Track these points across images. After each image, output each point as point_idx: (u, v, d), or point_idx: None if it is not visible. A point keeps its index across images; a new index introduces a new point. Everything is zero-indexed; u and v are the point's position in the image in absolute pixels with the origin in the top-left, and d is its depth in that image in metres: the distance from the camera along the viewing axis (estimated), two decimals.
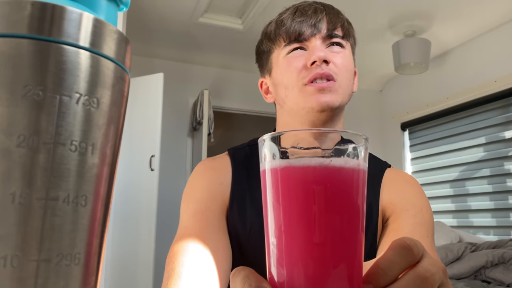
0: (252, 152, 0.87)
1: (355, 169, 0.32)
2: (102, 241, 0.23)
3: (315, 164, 0.31)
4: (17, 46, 0.19)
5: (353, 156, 0.32)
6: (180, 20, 3.11)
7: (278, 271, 0.32)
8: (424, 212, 0.75)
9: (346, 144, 0.32)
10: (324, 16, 0.78)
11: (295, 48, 0.78)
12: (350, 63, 0.80)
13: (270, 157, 0.33)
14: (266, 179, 0.33)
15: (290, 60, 0.78)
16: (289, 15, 0.79)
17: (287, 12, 0.80)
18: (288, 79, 0.77)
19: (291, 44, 0.78)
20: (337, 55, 0.77)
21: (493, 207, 3.15)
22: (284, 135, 0.33)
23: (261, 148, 0.35)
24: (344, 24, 0.80)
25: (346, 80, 0.78)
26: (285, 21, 0.79)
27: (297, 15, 0.78)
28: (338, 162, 0.32)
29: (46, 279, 0.19)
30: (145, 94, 3.05)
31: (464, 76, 3.38)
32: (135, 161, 2.97)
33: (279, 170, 0.32)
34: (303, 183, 0.31)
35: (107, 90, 0.22)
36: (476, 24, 3.11)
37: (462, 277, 2.26)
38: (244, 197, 0.80)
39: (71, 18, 0.21)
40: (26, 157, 0.19)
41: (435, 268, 0.32)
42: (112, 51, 0.23)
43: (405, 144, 4.05)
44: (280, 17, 0.81)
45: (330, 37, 0.78)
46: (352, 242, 0.32)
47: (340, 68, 0.77)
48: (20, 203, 0.19)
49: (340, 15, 0.81)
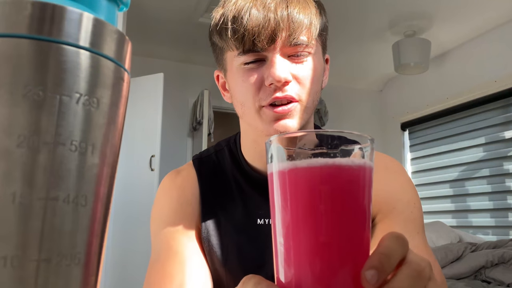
0: (219, 160, 0.80)
1: (361, 169, 0.33)
2: (102, 241, 0.23)
3: (321, 164, 0.32)
4: (17, 46, 0.19)
5: (359, 156, 0.33)
6: (180, 20, 3.11)
7: (286, 271, 0.32)
8: (411, 206, 0.70)
9: (352, 144, 0.33)
10: (286, 15, 0.63)
11: (251, 60, 0.65)
12: (318, 71, 0.68)
13: (277, 158, 0.34)
14: (274, 181, 0.34)
15: (245, 74, 0.66)
16: (245, 11, 0.63)
17: (243, 3, 0.64)
18: (243, 97, 0.67)
19: (245, 54, 0.65)
20: (301, 68, 0.66)
21: (492, 207, 3.15)
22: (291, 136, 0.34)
23: (268, 150, 0.35)
24: (312, 22, 0.65)
25: (312, 94, 0.67)
26: (237, 20, 0.64)
27: (253, 14, 0.63)
28: (342, 162, 0.32)
29: (46, 279, 0.20)
30: (145, 94, 3.05)
31: (464, 76, 3.38)
32: (135, 161, 2.97)
33: (287, 172, 0.32)
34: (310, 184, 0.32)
35: (107, 90, 0.22)
36: (476, 24, 3.11)
37: (462, 277, 2.26)
38: (216, 215, 0.75)
39: (71, 18, 0.21)
40: (26, 157, 0.19)
41: (424, 262, 0.33)
42: (112, 51, 0.23)
43: (405, 144, 4.05)
44: (234, 10, 0.65)
45: (293, 46, 0.64)
46: (359, 241, 0.32)
47: (304, 83, 0.66)
48: (20, 203, 0.19)
49: (307, 9, 0.65)
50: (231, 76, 0.69)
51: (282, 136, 0.34)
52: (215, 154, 0.81)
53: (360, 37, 3.23)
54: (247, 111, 0.67)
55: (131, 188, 2.92)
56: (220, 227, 0.74)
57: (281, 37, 0.63)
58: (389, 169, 0.75)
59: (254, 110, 0.66)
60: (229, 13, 0.65)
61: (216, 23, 0.69)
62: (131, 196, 2.91)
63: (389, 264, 0.31)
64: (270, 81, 0.63)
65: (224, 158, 0.80)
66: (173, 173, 0.81)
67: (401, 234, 0.33)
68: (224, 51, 0.70)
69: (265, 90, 0.64)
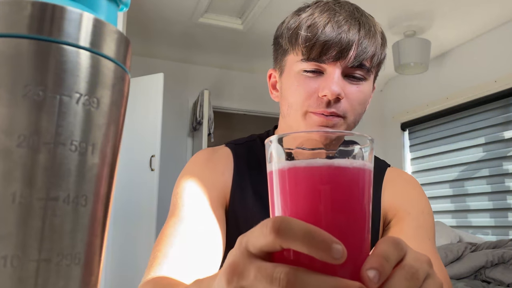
0: (252, 147, 0.85)
1: (360, 169, 0.33)
2: (102, 241, 0.23)
3: (320, 164, 0.32)
4: (17, 46, 0.19)
5: (358, 156, 0.33)
6: (180, 20, 3.11)
7: None
8: (425, 214, 0.75)
9: (351, 145, 0.33)
10: (356, 39, 0.67)
11: (312, 69, 0.69)
12: (367, 95, 0.73)
13: (276, 158, 0.34)
14: (273, 180, 0.34)
15: (302, 80, 0.70)
16: (320, 25, 0.67)
17: (320, 18, 0.68)
18: (294, 99, 0.71)
19: (308, 61, 0.69)
20: (354, 89, 0.70)
21: (492, 207, 3.15)
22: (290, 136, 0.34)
23: (267, 149, 0.35)
24: (376, 53, 0.70)
25: (357, 115, 0.72)
26: (312, 30, 0.68)
27: (327, 29, 0.67)
28: (342, 162, 0.32)
29: (46, 279, 0.20)
30: (145, 94, 3.05)
31: (464, 76, 3.38)
32: (135, 161, 2.97)
33: (286, 171, 0.33)
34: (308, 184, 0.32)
35: (107, 90, 0.22)
36: (476, 24, 3.11)
37: (462, 277, 2.26)
38: (245, 189, 0.78)
39: (71, 18, 0.21)
40: (26, 157, 0.19)
41: (418, 263, 0.33)
42: (112, 51, 0.23)
43: (405, 144, 4.05)
44: (310, 20, 0.69)
45: (354, 68, 0.69)
46: (358, 241, 0.32)
47: (353, 105, 0.70)
48: (20, 203, 0.19)
49: (375, 40, 0.70)
50: (287, 78, 0.73)
51: (282, 136, 0.33)
52: (248, 142, 0.86)
53: None
54: (292, 113, 0.71)
55: (131, 188, 2.92)
56: (249, 204, 0.77)
57: (346, 58, 0.67)
58: (408, 182, 0.82)
59: (300, 113, 0.70)
60: (306, 21, 0.69)
61: (289, 27, 0.72)
62: (131, 196, 2.91)
63: (388, 266, 0.31)
64: (325, 93, 0.67)
65: (256, 147, 0.85)
66: (208, 149, 0.85)
67: (398, 239, 0.33)
68: (287, 54, 0.73)
69: (316, 99, 0.68)
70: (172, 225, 0.70)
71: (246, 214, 0.76)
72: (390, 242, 0.33)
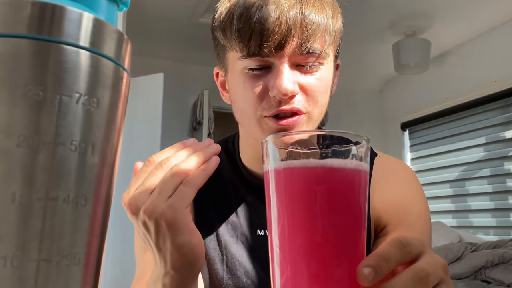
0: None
1: (355, 169, 0.33)
2: (102, 241, 0.23)
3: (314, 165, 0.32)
4: (17, 46, 0.19)
5: (354, 156, 0.33)
6: (180, 20, 3.11)
7: (282, 271, 0.32)
8: (422, 219, 0.67)
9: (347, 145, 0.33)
10: (299, 20, 0.56)
11: (256, 65, 0.59)
12: (327, 81, 0.62)
13: (272, 158, 0.34)
14: (269, 180, 0.34)
15: (248, 81, 0.59)
16: (253, 11, 0.56)
17: (253, 2, 0.57)
18: (244, 104, 0.61)
19: (249, 58, 0.58)
20: (311, 80, 0.59)
21: (493, 207, 3.15)
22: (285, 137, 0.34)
23: (263, 149, 0.35)
24: (328, 26, 0.59)
25: (320, 106, 0.61)
26: (244, 19, 0.56)
27: (263, 12, 0.55)
28: (337, 162, 0.32)
29: (46, 279, 0.19)
30: (145, 94, 3.04)
31: (464, 76, 3.38)
32: (135, 161, 2.97)
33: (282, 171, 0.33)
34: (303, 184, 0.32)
35: (107, 90, 0.22)
36: (476, 24, 3.11)
37: (462, 277, 2.26)
38: (208, 214, 0.70)
39: (71, 18, 0.21)
40: (26, 157, 0.19)
41: (432, 267, 0.32)
42: (112, 51, 0.23)
43: (405, 144, 4.05)
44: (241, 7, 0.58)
45: (304, 55, 0.58)
46: (354, 241, 0.32)
47: (312, 95, 0.59)
48: (20, 203, 0.19)
49: (322, 12, 0.58)
50: (232, 78, 0.63)
51: (278, 136, 0.34)
52: None
53: (360, 37, 3.23)
54: (246, 120, 0.62)
55: None
56: (218, 237, 0.69)
57: (292, 44, 0.56)
58: (401, 176, 0.71)
59: (254, 119, 0.60)
60: (236, 10, 0.57)
61: (220, 18, 0.61)
62: None
63: (386, 266, 0.31)
64: (275, 93, 0.56)
65: (221, 163, 0.74)
66: None
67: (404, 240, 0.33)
68: (227, 50, 0.63)
69: (269, 100, 0.58)
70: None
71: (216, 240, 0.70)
72: (394, 242, 0.32)
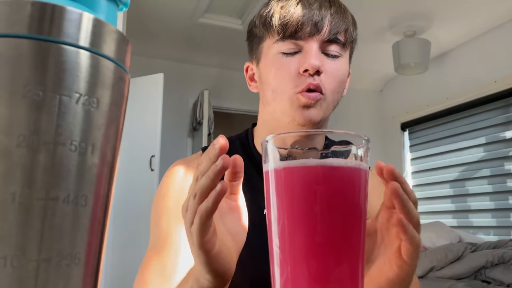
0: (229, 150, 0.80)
1: (355, 168, 0.33)
2: (102, 241, 0.23)
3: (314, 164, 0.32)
4: (17, 46, 0.19)
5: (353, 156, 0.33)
6: (180, 20, 3.11)
7: (282, 271, 0.33)
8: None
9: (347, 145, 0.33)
10: (328, 14, 0.70)
11: (289, 49, 0.70)
12: (344, 73, 0.74)
13: (272, 158, 0.34)
14: (269, 180, 0.34)
15: (282, 61, 0.70)
16: (292, 4, 0.70)
17: (291, 1, 0.71)
18: (278, 83, 0.71)
19: (284, 40, 0.70)
20: (332, 65, 0.71)
21: (493, 207, 3.15)
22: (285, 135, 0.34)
23: (263, 149, 0.36)
24: (349, 28, 0.73)
25: (335, 93, 0.72)
26: (284, 10, 0.70)
27: (299, 7, 0.70)
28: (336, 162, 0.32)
29: (46, 279, 0.19)
30: (145, 94, 3.04)
31: (464, 76, 3.38)
32: (135, 161, 2.97)
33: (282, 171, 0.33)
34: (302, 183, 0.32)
35: (107, 90, 0.22)
36: (476, 24, 3.11)
37: (462, 277, 2.26)
38: None
39: (71, 18, 0.21)
40: (26, 157, 0.19)
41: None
42: (112, 51, 0.23)
43: (405, 144, 4.05)
44: (281, 3, 0.72)
45: (329, 42, 0.70)
46: (354, 240, 0.32)
47: (331, 80, 0.71)
48: (20, 203, 0.19)
49: (346, 17, 0.73)
50: (265, 64, 0.73)
51: (277, 135, 0.34)
52: None
53: (360, 37, 3.21)
54: (278, 97, 0.71)
55: (131, 188, 2.91)
56: None
57: (322, 30, 0.69)
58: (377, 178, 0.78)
59: (286, 96, 0.70)
60: (277, 6, 0.72)
61: (261, 15, 0.75)
62: (131, 196, 2.90)
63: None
64: (305, 67, 0.67)
65: (235, 149, 0.81)
66: (181, 161, 0.81)
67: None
68: (263, 39, 0.74)
69: (300, 77, 0.69)
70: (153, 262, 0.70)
71: None
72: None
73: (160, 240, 0.71)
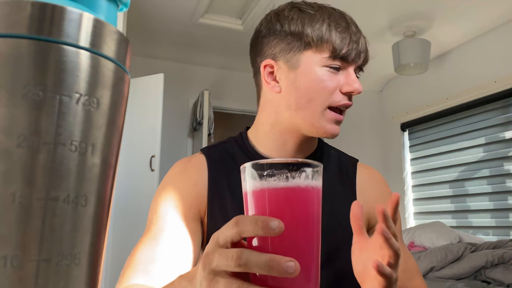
0: (227, 148, 0.87)
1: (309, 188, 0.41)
2: (102, 241, 0.23)
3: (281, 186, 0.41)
4: (17, 46, 0.19)
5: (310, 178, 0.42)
6: (180, 21, 3.11)
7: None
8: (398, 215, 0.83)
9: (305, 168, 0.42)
10: (366, 45, 0.79)
11: (335, 67, 0.76)
12: None
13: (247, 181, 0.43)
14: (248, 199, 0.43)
15: (327, 76, 0.76)
16: (344, 27, 0.76)
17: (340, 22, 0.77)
18: (317, 94, 0.76)
19: (335, 59, 0.75)
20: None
21: (493, 207, 3.15)
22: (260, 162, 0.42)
23: (242, 173, 0.44)
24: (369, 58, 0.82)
25: None
26: (341, 33, 0.76)
27: (350, 33, 0.76)
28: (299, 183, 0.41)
29: (46, 279, 0.20)
30: (145, 94, 3.04)
31: (464, 77, 3.38)
32: (135, 161, 2.97)
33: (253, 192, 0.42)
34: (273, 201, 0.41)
35: (107, 91, 0.22)
36: (476, 24, 3.11)
37: (462, 277, 2.26)
38: (222, 192, 0.81)
39: (71, 18, 0.21)
40: (26, 157, 0.19)
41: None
42: (112, 52, 0.23)
43: (405, 144, 4.05)
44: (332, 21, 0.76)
45: (358, 68, 0.80)
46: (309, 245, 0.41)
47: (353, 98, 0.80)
48: (20, 203, 0.19)
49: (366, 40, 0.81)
50: (306, 73, 0.77)
51: (255, 162, 0.42)
52: (222, 144, 0.89)
53: None
54: (312, 107, 0.76)
55: (131, 188, 2.91)
56: (227, 206, 0.79)
57: (360, 58, 0.78)
58: (380, 183, 0.90)
59: (321, 108, 0.76)
60: (331, 23, 0.76)
61: (312, 26, 0.76)
62: (131, 196, 2.91)
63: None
64: (351, 90, 0.76)
65: (231, 147, 0.87)
66: (184, 160, 0.87)
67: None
68: (307, 49, 0.77)
69: (338, 95, 0.76)
70: (145, 242, 0.74)
71: (225, 217, 0.78)
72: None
73: (155, 227, 0.76)
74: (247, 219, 0.39)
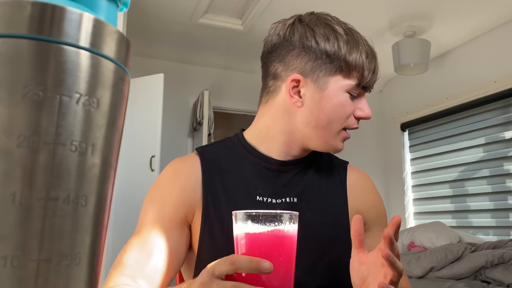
0: (222, 147, 0.89)
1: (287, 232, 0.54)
2: (102, 241, 0.23)
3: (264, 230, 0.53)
4: (17, 47, 0.19)
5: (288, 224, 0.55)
6: (180, 21, 3.11)
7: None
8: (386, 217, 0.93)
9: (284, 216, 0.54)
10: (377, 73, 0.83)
11: (355, 94, 0.81)
12: None
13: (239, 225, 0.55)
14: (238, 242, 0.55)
15: (348, 103, 0.80)
16: (371, 58, 0.81)
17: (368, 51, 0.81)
18: (337, 118, 0.80)
19: (358, 87, 0.80)
20: None
21: (493, 207, 3.14)
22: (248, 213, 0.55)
23: (233, 219, 0.56)
24: None
25: None
26: (369, 64, 0.80)
27: (369, 61, 0.80)
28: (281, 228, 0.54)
29: (46, 279, 0.20)
30: (146, 94, 3.04)
31: (463, 77, 3.38)
32: (135, 161, 2.97)
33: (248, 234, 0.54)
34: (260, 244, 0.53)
35: (107, 91, 0.22)
36: (476, 24, 3.11)
37: (462, 277, 2.26)
38: (216, 193, 0.82)
39: (71, 18, 0.21)
40: (26, 157, 0.19)
41: None
42: (112, 52, 0.23)
43: (404, 144, 4.05)
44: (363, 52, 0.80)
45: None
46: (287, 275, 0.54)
47: None
48: (20, 203, 0.19)
49: None
50: (332, 95, 0.79)
51: (247, 212, 0.54)
52: (218, 143, 0.90)
53: None
54: (331, 128, 0.81)
55: (131, 188, 2.91)
56: (221, 207, 0.81)
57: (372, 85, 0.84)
58: (369, 185, 0.95)
59: (337, 129, 0.81)
60: (362, 52, 0.80)
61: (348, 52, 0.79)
62: (131, 196, 2.90)
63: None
64: (363, 116, 0.82)
65: (226, 146, 0.89)
66: (178, 160, 0.87)
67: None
68: (337, 73, 0.79)
69: (351, 118, 0.82)
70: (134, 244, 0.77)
71: (220, 216, 0.80)
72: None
73: (145, 228, 0.78)
74: (243, 260, 0.50)
